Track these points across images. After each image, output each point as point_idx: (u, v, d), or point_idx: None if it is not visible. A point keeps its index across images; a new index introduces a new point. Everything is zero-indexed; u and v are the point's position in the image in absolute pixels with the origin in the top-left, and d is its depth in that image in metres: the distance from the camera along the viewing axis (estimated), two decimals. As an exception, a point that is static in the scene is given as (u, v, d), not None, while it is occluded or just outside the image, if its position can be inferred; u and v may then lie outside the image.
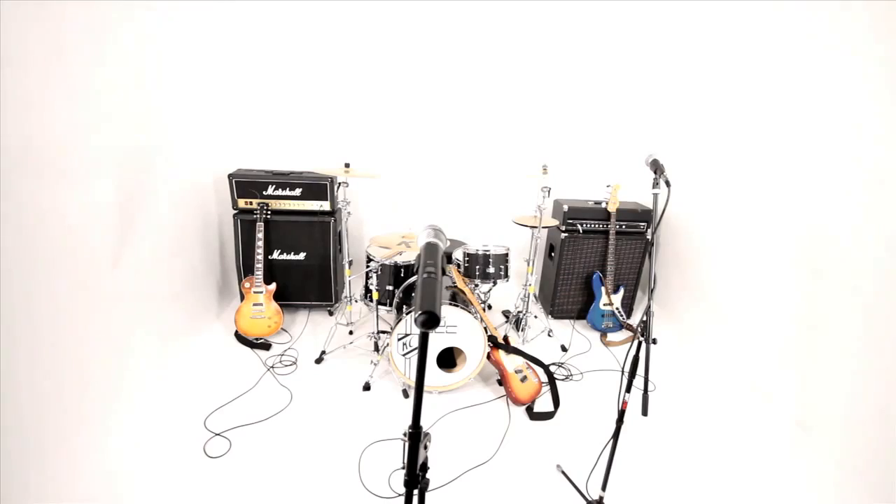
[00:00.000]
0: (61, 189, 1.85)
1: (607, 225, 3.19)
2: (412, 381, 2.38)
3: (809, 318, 2.23)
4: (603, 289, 3.19)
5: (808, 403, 2.19)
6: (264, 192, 3.00)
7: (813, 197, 2.25)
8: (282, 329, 3.00)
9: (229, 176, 2.97)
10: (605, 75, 3.70)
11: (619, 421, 1.59)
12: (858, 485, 1.87)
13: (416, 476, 0.86)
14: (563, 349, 3.02)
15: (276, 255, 3.11)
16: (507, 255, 2.73)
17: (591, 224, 3.24)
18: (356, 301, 3.22)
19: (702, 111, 3.19)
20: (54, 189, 1.82)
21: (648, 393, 1.53)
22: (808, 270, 2.25)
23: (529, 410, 2.35)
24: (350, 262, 2.93)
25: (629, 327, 3.20)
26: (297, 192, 3.04)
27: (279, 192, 3.03)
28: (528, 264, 3.00)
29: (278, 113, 3.57)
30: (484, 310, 2.79)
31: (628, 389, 1.56)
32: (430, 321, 0.71)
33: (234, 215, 3.02)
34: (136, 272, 2.39)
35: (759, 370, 2.51)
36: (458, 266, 2.73)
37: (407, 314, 2.35)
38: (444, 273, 0.83)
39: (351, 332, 3.05)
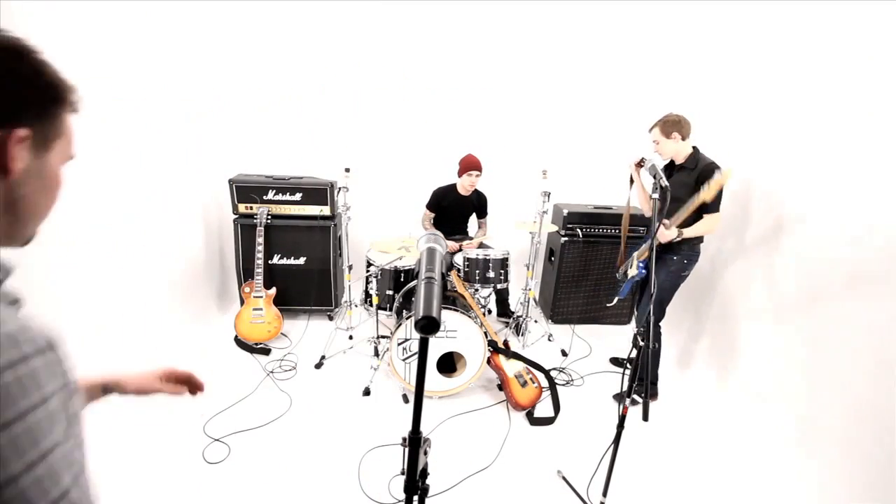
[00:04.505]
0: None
1: (607, 230, 3.21)
2: (412, 386, 2.38)
3: (812, 325, 2.22)
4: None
5: (810, 412, 2.18)
6: (264, 197, 3.01)
7: (817, 202, 2.25)
8: (281, 334, 2.99)
9: (229, 181, 2.98)
10: (604, 79, 3.71)
11: (620, 426, 1.59)
12: (860, 491, 1.85)
13: (415, 482, 0.85)
14: (564, 354, 3.01)
15: (276, 259, 3.11)
16: (506, 259, 2.73)
17: (590, 228, 3.25)
18: (356, 305, 3.22)
19: (702, 113, 3.19)
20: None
21: (649, 399, 1.53)
22: (810, 275, 2.25)
23: (530, 415, 2.35)
24: (350, 267, 2.93)
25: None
26: (298, 196, 3.04)
27: (279, 197, 3.03)
28: (528, 269, 3.00)
29: (279, 118, 3.59)
30: (484, 314, 2.79)
31: (629, 395, 1.56)
32: (430, 326, 0.71)
33: (235, 220, 3.02)
34: (134, 276, 2.39)
35: (761, 375, 2.50)
36: (459, 270, 2.73)
37: (407, 319, 2.34)
38: (444, 278, 0.83)
39: (351, 337, 3.04)
